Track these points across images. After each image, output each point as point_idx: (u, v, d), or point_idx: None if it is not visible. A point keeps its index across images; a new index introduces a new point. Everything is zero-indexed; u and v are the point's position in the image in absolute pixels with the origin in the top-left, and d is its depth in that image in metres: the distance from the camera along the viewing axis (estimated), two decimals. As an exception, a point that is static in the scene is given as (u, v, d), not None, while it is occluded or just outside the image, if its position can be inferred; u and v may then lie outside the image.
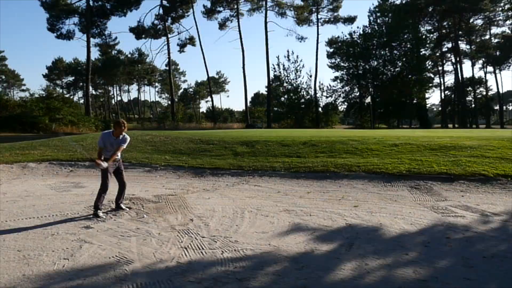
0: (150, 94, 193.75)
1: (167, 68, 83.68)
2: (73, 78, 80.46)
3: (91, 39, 42.25)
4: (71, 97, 72.29)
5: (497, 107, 79.11)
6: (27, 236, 4.74)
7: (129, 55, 74.19)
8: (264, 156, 10.38)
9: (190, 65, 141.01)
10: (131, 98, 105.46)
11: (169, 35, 50.85)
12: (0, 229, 5.06)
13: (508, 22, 56.07)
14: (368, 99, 26.34)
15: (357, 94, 51.16)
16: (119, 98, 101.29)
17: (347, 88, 51.58)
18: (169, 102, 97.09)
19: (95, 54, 71.00)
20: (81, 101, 79.92)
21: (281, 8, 49.36)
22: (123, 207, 6.13)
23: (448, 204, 6.25)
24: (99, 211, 5.66)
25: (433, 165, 8.36)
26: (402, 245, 4.37)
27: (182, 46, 53.53)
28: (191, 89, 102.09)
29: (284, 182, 8.29)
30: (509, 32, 57.16)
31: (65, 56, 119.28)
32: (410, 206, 6.14)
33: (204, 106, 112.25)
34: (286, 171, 8.91)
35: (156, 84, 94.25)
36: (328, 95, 52.33)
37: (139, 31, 49.02)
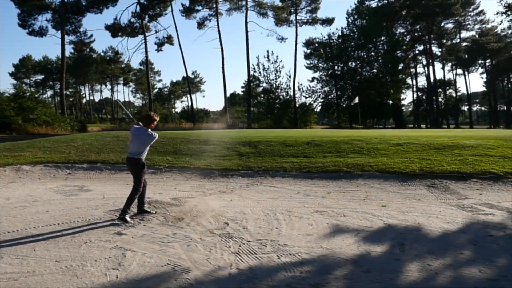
0: (124, 94, 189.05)
1: (142, 67, 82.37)
2: (42, 76, 77.28)
3: (65, 36, 40.64)
4: (40, 96, 69.24)
5: (463, 108, 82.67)
6: (57, 245, 4.40)
7: (102, 54, 72.29)
8: (270, 156, 10.26)
9: (165, 64, 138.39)
10: (103, 98, 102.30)
11: (147, 34, 49.70)
12: (23, 237, 4.68)
13: (476, 26, 58.67)
14: (356, 100, 26.74)
15: (336, 94, 51.86)
16: (90, 97, 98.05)
17: (326, 88, 52.24)
18: (143, 102, 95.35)
19: (66, 52, 68.30)
20: (51, 100, 76.87)
21: (262, 8, 49.33)
22: (149, 210, 5.84)
23: (471, 202, 6.35)
24: (127, 215, 5.34)
25: (443, 164, 8.52)
26: (452, 245, 4.37)
27: (159, 45, 52.37)
28: (166, 89, 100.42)
29: (299, 182, 8.20)
30: (477, 36, 59.74)
31: (34, 54, 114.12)
32: (436, 205, 6.19)
33: (179, 106, 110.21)
34: (298, 172, 8.82)
35: (130, 83, 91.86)
36: (307, 96, 52.79)
37: (115, 29, 47.51)
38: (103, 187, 8.10)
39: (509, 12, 16.65)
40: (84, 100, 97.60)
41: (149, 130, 5.60)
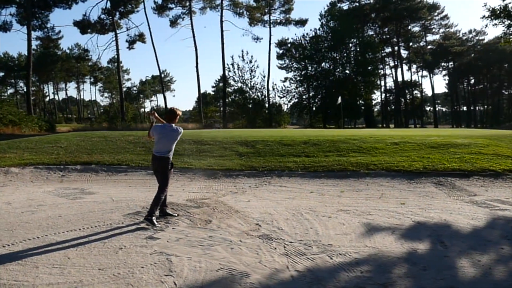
0: (91, 92, 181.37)
1: (110, 65, 79.67)
2: (2, 74, 73.06)
3: (31, 32, 38.49)
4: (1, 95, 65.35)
5: (428, 108, 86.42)
6: (91, 252, 4.14)
7: (68, 51, 69.40)
8: (270, 156, 10.19)
9: (134, 62, 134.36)
10: (65, 97, 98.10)
11: (117, 31, 48.16)
12: (48, 244, 4.36)
13: (441, 30, 61.38)
14: (339, 100, 27.22)
15: (310, 94, 52.62)
16: (54, 96, 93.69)
17: (301, 89, 52.85)
18: (111, 101, 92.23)
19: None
20: (12, 99, 72.70)
21: (238, 7, 49.11)
22: (171, 212, 5.63)
23: (482, 199, 6.59)
24: (153, 217, 5.10)
25: (444, 162, 8.80)
26: (488, 240, 4.49)
27: (131, 43, 50.86)
28: (135, 88, 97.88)
29: (307, 182, 8.20)
30: (442, 39, 62.49)
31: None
32: (451, 202, 6.38)
33: (148, 105, 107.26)
34: (304, 171, 8.82)
35: (98, 82, 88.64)
36: (282, 96, 53.19)
37: (84, 25, 45.64)
38: (106, 190, 7.73)
39: (492, 17, 17.57)
40: (47, 99, 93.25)
41: (173, 125, 5.43)
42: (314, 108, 53.23)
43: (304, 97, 53.14)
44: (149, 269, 3.68)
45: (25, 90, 72.02)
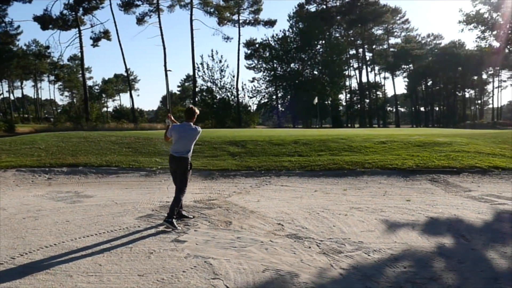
0: (50, 91, 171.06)
1: (70, 63, 76.18)
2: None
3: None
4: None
5: (391, 108, 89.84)
6: (121, 257, 3.95)
7: (24, 47, 65.64)
8: (264, 155, 10.18)
9: (95, 60, 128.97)
10: (21, 96, 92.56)
11: (81, 27, 46.26)
12: (70, 251, 4.11)
13: (403, 34, 64.08)
14: (316, 100, 27.58)
15: (279, 95, 53.20)
16: (7, 95, 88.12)
17: (271, 89, 53.27)
18: (72, 100, 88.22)
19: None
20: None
21: (208, 6, 48.64)
22: (186, 214, 5.48)
23: (478, 194, 6.95)
24: (174, 220, 4.95)
25: (433, 160, 9.19)
26: (502, 232, 4.75)
27: (95, 40, 49.03)
28: (97, 87, 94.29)
29: (307, 181, 8.27)
30: (403, 43, 65.19)
31: None
32: (452, 198, 6.68)
33: (111, 105, 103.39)
34: (302, 170, 8.89)
35: (57, 80, 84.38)
36: (252, 96, 53.37)
37: (45, 21, 43.43)
38: (102, 193, 7.39)
39: (465, 23, 18.63)
40: (0, 97, 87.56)
41: (192, 124, 5.29)
42: (283, 109, 53.85)
43: (273, 97, 53.60)
44: (192, 273, 3.56)
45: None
